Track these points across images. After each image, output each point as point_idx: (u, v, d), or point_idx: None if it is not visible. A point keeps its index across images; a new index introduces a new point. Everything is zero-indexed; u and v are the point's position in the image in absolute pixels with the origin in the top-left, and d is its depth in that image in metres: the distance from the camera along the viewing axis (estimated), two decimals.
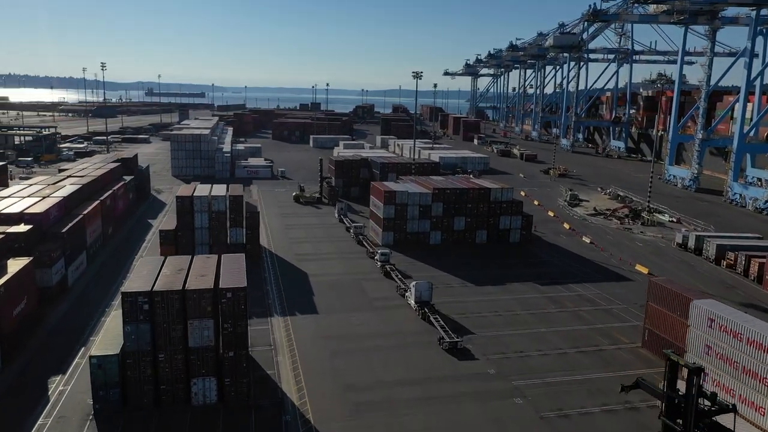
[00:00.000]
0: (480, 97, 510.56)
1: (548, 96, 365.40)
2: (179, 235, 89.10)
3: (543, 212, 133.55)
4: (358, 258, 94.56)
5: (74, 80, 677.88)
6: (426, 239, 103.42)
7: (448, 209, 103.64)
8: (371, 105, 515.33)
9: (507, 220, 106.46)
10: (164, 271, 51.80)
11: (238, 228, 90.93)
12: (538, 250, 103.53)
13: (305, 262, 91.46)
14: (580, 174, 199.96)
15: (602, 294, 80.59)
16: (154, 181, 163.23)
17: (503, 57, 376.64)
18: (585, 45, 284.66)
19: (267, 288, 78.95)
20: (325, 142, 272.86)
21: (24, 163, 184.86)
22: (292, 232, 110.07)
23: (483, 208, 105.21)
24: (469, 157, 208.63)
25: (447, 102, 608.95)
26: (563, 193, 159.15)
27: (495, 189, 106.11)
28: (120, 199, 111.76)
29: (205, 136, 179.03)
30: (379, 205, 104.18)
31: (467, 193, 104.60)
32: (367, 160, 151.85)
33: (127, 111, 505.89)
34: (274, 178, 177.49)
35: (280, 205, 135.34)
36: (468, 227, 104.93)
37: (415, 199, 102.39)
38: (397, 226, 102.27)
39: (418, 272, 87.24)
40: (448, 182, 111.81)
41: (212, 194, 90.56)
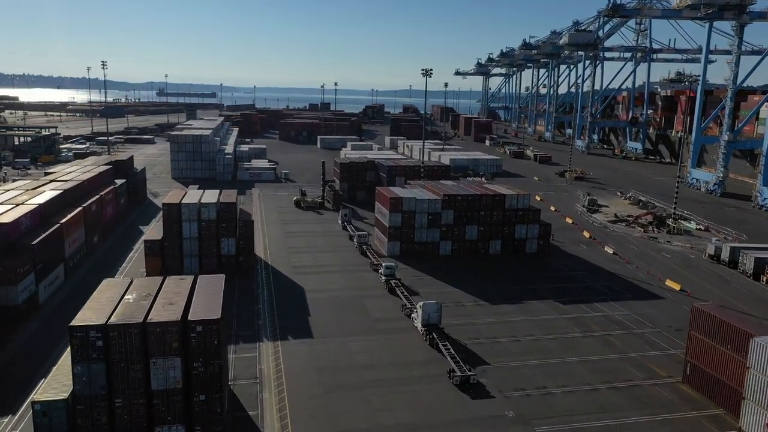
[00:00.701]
0: (491, 97, 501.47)
1: (562, 96, 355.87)
2: (166, 246, 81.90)
3: (560, 219, 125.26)
4: (361, 271, 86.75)
5: (86, 80, 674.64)
6: (435, 250, 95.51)
7: (459, 217, 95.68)
8: (381, 105, 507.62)
9: (523, 229, 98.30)
10: (127, 298, 44.23)
11: (230, 238, 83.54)
12: (557, 262, 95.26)
13: (303, 275, 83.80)
14: (597, 177, 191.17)
15: (631, 315, 72.27)
16: (152, 184, 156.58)
17: (516, 56, 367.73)
18: (601, 43, 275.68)
19: (259, 307, 71.31)
20: (332, 142, 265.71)
21: (21, 165, 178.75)
22: (291, 241, 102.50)
23: (497, 215, 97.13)
24: (481, 159, 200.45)
25: (458, 102, 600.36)
26: (581, 198, 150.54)
27: (510, 195, 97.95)
28: (109, 205, 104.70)
29: (206, 137, 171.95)
30: (384, 213, 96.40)
31: (480, 200, 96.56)
32: (373, 162, 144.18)
33: (135, 111, 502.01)
34: (278, 180, 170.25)
35: (280, 210, 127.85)
36: (481, 237, 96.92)
37: (423, 206, 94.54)
38: (404, 236, 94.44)
39: (425, 288, 79.40)
40: (459, 187, 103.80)
41: (202, 201, 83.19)
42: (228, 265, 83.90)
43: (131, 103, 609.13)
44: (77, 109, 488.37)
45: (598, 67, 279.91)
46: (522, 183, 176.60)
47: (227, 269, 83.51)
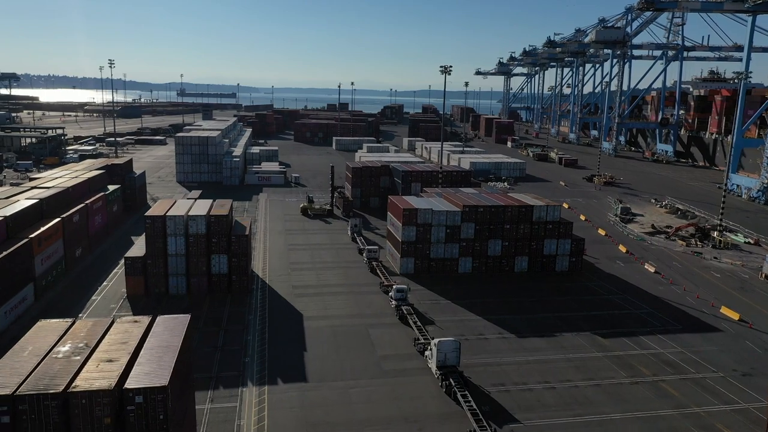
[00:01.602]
0: (513, 97, 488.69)
1: (587, 96, 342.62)
2: (149, 264, 72.61)
3: (591, 230, 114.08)
4: (370, 292, 76.63)
5: (109, 81, 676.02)
6: (453, 267, 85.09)
7: (481, 231, 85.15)
8: (400, 105, 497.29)
9: (553, 244, 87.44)
10: (57, 351, 34.54)
11: (222, 255, 73.99)
12: (592, 282, 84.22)
13: (304, 297, 73.92)
14: (627, 181, 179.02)
15: (685, 353, 61.22)
16: (155, 189, 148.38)
17: (539, 54, 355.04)
18: (630, 40, 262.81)
19: (248, 338, 61.50)
20: (348, 144, 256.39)
21: (23, 167, 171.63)
22: (294, 255, 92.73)
23: (524, 229, 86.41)
24: (504, 162, 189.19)
25: (479, 103, 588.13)
26: (612, 206, 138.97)
27: (539, 206, 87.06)
28: (97, 213, 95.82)
29: (212, 139, 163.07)
30: (397, 225, 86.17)
31: (504, 212, 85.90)
32: (388, 167, 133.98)
33: (153, 111, 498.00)
34: (288, 184, 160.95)
35: (286, 218, 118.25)
36: (505, 252, 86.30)
37: (441, 218, 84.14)
38: (419, 251, 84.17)
39: (442, 315, 69.10)
40: (481, 197, 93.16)
41: (190, 213, 73.69)
42: (219, 285, 74.50)
43: (148, 104, 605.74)
44: (94, 109, 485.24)
45: (626, 65, 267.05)
46: (547, 188, 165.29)
47: (219, 290, 74.42)
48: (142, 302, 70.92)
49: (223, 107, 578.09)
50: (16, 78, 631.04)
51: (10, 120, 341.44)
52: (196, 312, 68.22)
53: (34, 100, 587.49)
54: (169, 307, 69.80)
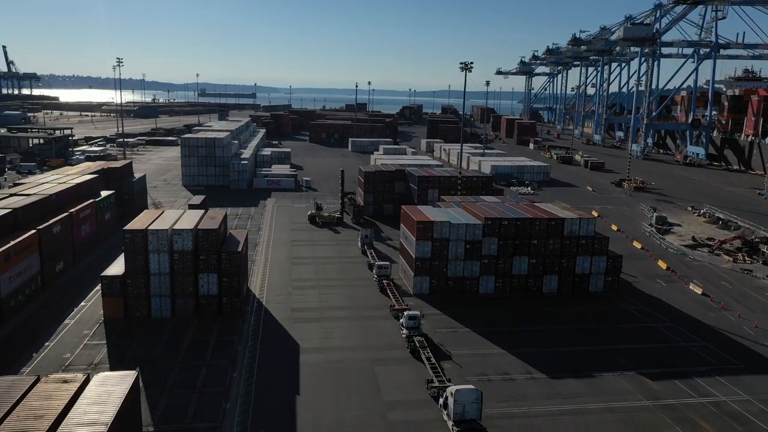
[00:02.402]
0: (534, 97, 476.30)
1: (612, 96, 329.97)
2: (129, 284, 64.30)
3: (625, 242, 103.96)
4: (378, 317, 67.59)
5: (131, 81, 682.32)
6: (474, 287, 75.71)
7: (505, 246, 75.65)
8: (419, 105, 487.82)
9: (586, 262, 77.60)
10: None
11: (211, 274, 65.43)
12: (632, 306, 74.25)
13: (303, 324, 65.08)
14: (659, 187, 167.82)
15: (752, 402, 51.17)
16: (159, 193, 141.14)
17: (563, 53, 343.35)
18: (659, 37, 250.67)
19: (233, 375, 52.75)
20: (364, 146, 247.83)
21: (26, 169, 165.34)
22: (297, 270, 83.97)
23: (554, 244, 76.69)
24: (527, 165, 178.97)
25: (499, 103, 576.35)
26: (646, 214, 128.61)
27: (571, 219, 77.28)
28: (85, 222, 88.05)
29: (219, 141, 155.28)
30: (410, 239, 77.00)
31: (532, 225, 76.26)
32: (403, 171, 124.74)
33: (170, 111, 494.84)
34: (298, 188, 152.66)
35: (293, 226, 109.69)
36: (532, 271, 76.69)
37: (459, 232, 74.77)
38: (435, 269, 74.92)
39: (460, 347, 59.80)
40: (504, 207, 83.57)
41: (175, 227, 65.24)
42: (208, 307, 65.96)
43: (165, 104, 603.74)
44: (111, 109, 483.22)
45: (654, 64, 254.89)
46: (573, 194, 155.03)
47: (207, 313, 65.86)
48: (120, 327, 62.61)
49: (241, 107, 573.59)
50: (36, 78, 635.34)
51: (25, 120, 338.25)
52: (179, 339, 59.80)
53: (54, 100, 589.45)
54: (151, 332, 61.51)
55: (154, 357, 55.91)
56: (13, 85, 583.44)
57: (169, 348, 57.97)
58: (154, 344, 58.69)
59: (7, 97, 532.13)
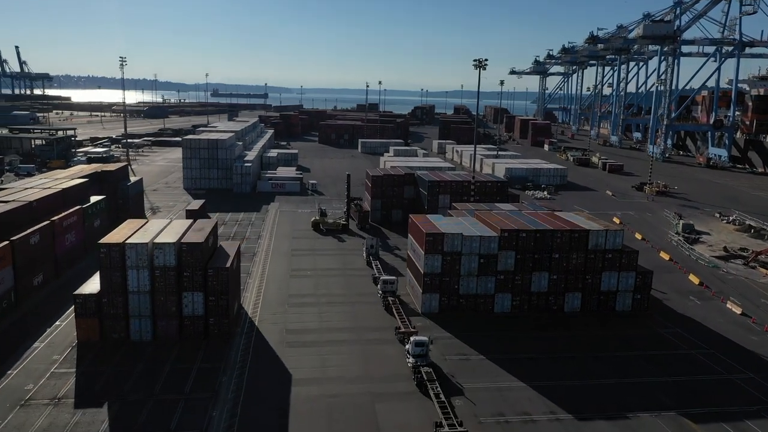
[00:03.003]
0: (548, 97, 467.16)
1: (630, 96, 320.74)
2: (105, 303, 57.98)
3: (651, 252, 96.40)
4: (382, 340, 60.78)
5: (147, 82, 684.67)
6: (488, 305, 68.71)
7: (523, 261, 68.58)
8: (431, 105, 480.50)
9: (613, 278, 70.32)
10: None
11: (196, 293, 58.93)
12: (664, 328, 66.86)
13: (297, 349, 58.42)
14: (683, 191, 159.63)
15: None
16: (158, 196, 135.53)
17: (579, 51, 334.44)
18: (680, 35, 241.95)
19: (214, 414, 46.16)
20: (374, 147, 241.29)
21: (25, 171, 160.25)
22: (296, 284, 77.36)
23: (577, 259, 69.50)
24: (543, 168, 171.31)
25: (513, 103, 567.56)
26: (672, 222, 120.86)
27: (596, 231, 70.02)
28: (69, 231, 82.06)
29: (222, 142, 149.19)
30: (418, 252, 70.12)
31: (553, 237, 69.09)
32: (413, 175, 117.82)
33: (180, 111, 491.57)
34: (304, 192, 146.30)
35: (295, 234, 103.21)
36: (553, 288, 69.54)
37: (473, 245, 67.78)
38: (445, 286, 68.00)
39: (473, 380, 52.82)
40: (522, 217, 76.38)
41: (156, 241, 58.81)
42: (193, 329, 59.46)
43: (175, 104, 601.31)
44: (121, 109, 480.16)
45: (674, 63, 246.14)
46: (592, 198, 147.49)
47: (192, 335, 59.39)
48: (95, 352, 56.30)
49: (252, 108, 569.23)
50: (48, 78, 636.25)
51: (34, 120, 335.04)
52: (158, 367, 53.35)
53: (66, 101, 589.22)
54: (128, 358, 55.15)
55: (126, 389, 49.50)
56: (25, 85, 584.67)
57: (145, 378, 51.55)
58: (129, 373, 52.27)
59: (19, 97, 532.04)
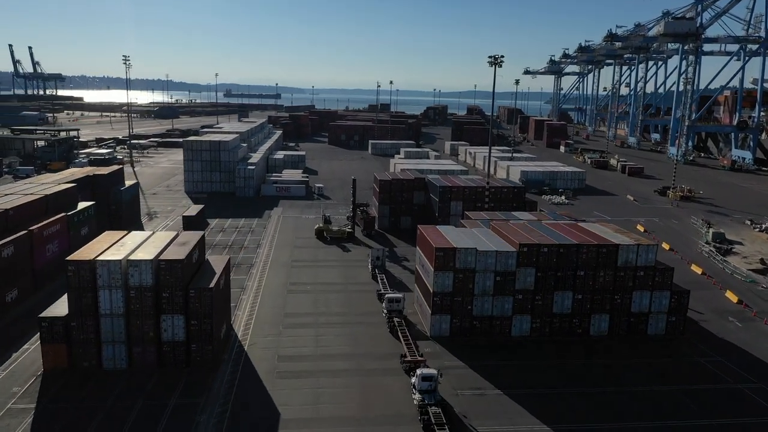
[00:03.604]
0: (563, 98, 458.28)
1: (648, 96, 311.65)
2: (73, 327, 51.58)
3: (681, 265, 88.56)
4: (385, 371, 53.88)
5: (160, 82, 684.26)
6: (505, 328, 61.64)
7: (544, 279, 61.43)
8: (444, 106, 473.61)
9: (645, 298, 62.99)
10: None
11: (176, 316, 52.40)
12: (705, 357, 59.37)
13: (289, 380, 51.69)
14: (708, 196, 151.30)
15: None
16: (158, 200, 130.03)
17: (597, 50, 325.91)
18: (703, 32, 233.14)
19: None
20: (385, 148, 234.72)
21: (23, 173, 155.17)
22: (293, 301, 70.73)
23: (605, 277, 62.23)
24: (560, 171, 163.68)
25: (527, 104, 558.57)
26: (700, 230, 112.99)
27: (627, 246, 62.68)
28: (51, 241, 76.11)
29: (225, 144, 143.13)
30: (427, 268, 63.19)
31: (578, 252, 61.87)
32: (423, 180, 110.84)
33: (191, 112, 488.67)
34: (310, 196, 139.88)
35: (297, 242, 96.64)
36: (577, 308, 62.35)
37: (488, 261, 60.71)
38: (457, 306, 61.00)
39: (488, 423, 45.78)
40: (543, 228, 69.15)
41: (131, 258, 52.30)
42: (173, 356, 52.93)
43: (186, 104, 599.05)
44: (133, 110, 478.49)
45: (694, 61, 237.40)
46: (613, 204, 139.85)
47: (173, 363, 52.86)
48: (62, 382, 49.93)
49: (264, 108, 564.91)
50: (61, 79, 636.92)
51: (42, 120, 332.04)
52: (129, 402, 46.87)
53: (78, 101, 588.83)
54: (99, 389, 48.74)
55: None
56: (38, 85, 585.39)
57: (113, 416, 45.09)
58: (96, 410, 45.83)
59: (31, 97, 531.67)
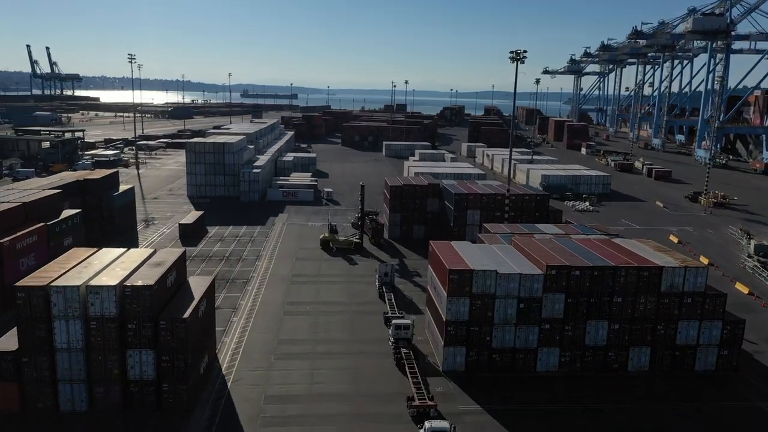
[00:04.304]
0: (583, 98, 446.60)
1: (673, 96, 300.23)
2: (25, 363, 44.23)
3: (724, 282, 79.44)
4: (389, 419, 45.80)
5: (179, 83, 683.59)
6: (530, 363, 53.31)
7: (575, 306, 53.01)
8: (461, 106, 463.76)
9: (692, 329, 54.35)
10: None
11: (145, 350, 44.83)
12: (765, 401, 50.71)
13: (274, 429, 43.92)
14: (743, 202, 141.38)
15: None
16: (158, 205, 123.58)
17: (620, 48, 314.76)
18: (733, 29, 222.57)
19: None
20: (399, 150, 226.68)
21: (23, 175, 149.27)
22: (290, 324, 62.97)
23: (646, 304, 53.67)
24: (583, 175, 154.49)
25: (546, 104, 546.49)
26: (739, 240, 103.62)
27: (672, 268, 54.03)
28: (27, 254, 69.19)
29: (229, 146, 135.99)
30: (440, 293, 55.03)
31: (615, 275, 53.36)
32: (438, 185, 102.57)
33: (206, 112, 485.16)
34: (318, 201, 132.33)
35: (300, 254, 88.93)
36: (614, 340, 53.85)
37: (510, 285, 52.40)
38: (474, 337, 52.79)
39: None
40: (572, 246, 60.60)
41: (91, 283, 44.83)
42: (142, 398, 45.32)
43: (201, 104, 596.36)
44: (147, 110, 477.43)
45: (721, 60, 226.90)
46: (641, 211, 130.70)
47: (141, 404, 45.26)
48: (12, 426, 42.64)
49: (279, 108, 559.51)
50: (78, 79, 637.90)
51: (55, 121, 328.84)
52: None
53: (95, 101, 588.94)
54: None
55: None
56: (55, 86, 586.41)
57: None
58: None
59: (47, 97, 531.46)
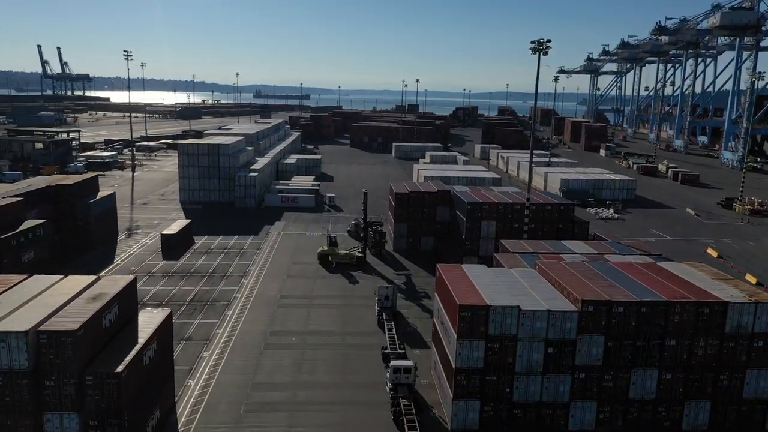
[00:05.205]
0: (600, 98, 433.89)
1: (698, 96, 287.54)
2: None
3: None
4: None
5: (192, 83, 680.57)
6: (560, 420, 42.84)
7: (618, 350, 42.53)
8: (474, 107, 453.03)
9: (763, 379, 43.72)
10: None
11: (67, 414, 34.81)
12: None
13: None
14: None
15: None
16: (146, 212, 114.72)
17: (641, 46, 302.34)
18: (764, 24, 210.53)
19: None
20: (409, 151, 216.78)
21: (10, 178, 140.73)
22: (269, 361, 52.86)
23: (707, 348, 43.10)
24: (606, 180, 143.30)
25: (562, 104, 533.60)
26: None
27: (740, 304, 43.38)
28: None
29: (224, 148, 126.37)
30: (449, 332, 44.69)
31: (667, 312, 42.79)
32: (449, 192, 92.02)
33: (215, 113, 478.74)
34: (320, 207, 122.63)
35: (292, 270, 78.90)
36: (665, 392, 43.29)
37: (536, 324, 41.94)
38: (490, 388, 42.43)
39: None
40: (610, 271, 49.94)
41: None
42: None
43: (210, 105, 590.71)
44: (155, 110, 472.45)
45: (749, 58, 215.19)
46: (672, 219, 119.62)
47: None
48: None
49: (290, 108, 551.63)
50: (89, 79, 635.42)
51: (60, 121, 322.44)
52: None
53: (105, 101, 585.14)
54: None
55: None
56: (65, 86, 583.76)
57: None
58: None
59: (57, 97, 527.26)
